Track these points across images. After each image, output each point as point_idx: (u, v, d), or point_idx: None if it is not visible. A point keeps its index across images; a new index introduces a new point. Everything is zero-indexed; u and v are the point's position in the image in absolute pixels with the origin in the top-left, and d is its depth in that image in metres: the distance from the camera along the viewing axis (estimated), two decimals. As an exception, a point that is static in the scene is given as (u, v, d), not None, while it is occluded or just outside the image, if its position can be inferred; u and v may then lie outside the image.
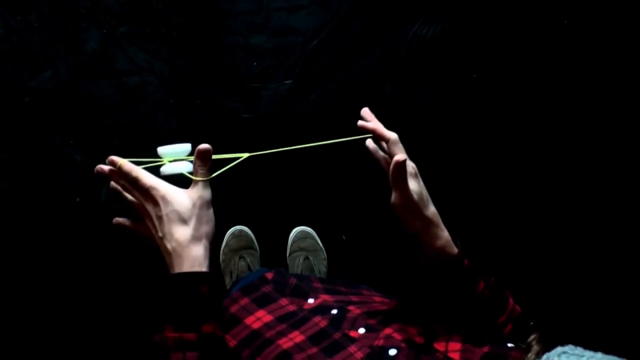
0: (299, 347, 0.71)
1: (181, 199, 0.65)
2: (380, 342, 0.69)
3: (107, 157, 0.73)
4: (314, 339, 0.72)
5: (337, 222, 1.68)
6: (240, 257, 1.59)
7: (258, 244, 1.65)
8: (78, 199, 1.59)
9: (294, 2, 1.65)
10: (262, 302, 0.82)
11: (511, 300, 0.76)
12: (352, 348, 0.69)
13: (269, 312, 0.79)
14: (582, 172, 1.70)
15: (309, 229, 1.67)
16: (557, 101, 1.72)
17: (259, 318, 0.78)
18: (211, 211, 0.66)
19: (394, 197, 0.70)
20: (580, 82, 1.71)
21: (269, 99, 1.65)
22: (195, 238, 0.63)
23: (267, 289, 0.85)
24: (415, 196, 0.70)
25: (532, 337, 0.56)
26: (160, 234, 0.64)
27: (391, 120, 1.83)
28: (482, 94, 1.70)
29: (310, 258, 1.60)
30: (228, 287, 1.59)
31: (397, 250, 1.65)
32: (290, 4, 1.65)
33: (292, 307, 0.80)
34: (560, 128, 1.71)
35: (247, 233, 1.64)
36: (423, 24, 1.67)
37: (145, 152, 1.33)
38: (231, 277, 1.58)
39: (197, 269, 0.62)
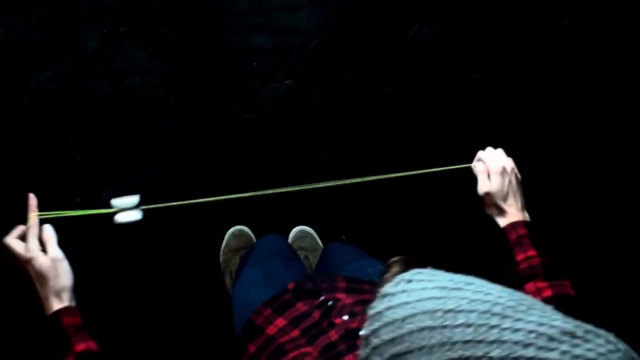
0: (292, 340, 0.79)
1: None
2: (355, 325, 0.75)
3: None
4: (305, 331, 0.79)
5: (337, 222, 1.68)
6: (240, 257, 1.59)
7: (258, 244, 1.65)
8: (78, 199, 1.59)
9: (294, 2, 1.65)
10: (281, 310, 0.89)
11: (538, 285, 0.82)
12: (332, 333, 0.76)
13: (285, 318, 0.86)
14: (580, 173, 1.70)
15: (308, 229, 1.67)
16: (557, 101, 1.72)
17: (276, 325, 0.85)
18: (66, 263, 0.80)
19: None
20: (580, 82, 1.71)
21: (269, 99, 1.65)
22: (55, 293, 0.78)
23: (287, 297, 0.91)
24: (491, 188, 0.93)
25: (395, 259, 0.57)
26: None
27: (391, 120, 1.84)
28: (482, 94, 1.70)
29: (310, 258, 1.60)
30: (228, 287, 1.60)
31: (397, 250, 1.65)
32: (290, 4, 1.65)
33: (305, 308, 0.86)
34: (560, 128, 1.71)
35: (247, 233, 1.64)
36: (423, 24, 1.67)
37: (145, 153, 1.35)
38: (231, 277, 1.58)
39: (58, 306, 0.77)
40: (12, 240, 0.81)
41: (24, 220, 0.88)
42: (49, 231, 0.82)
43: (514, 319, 0.43)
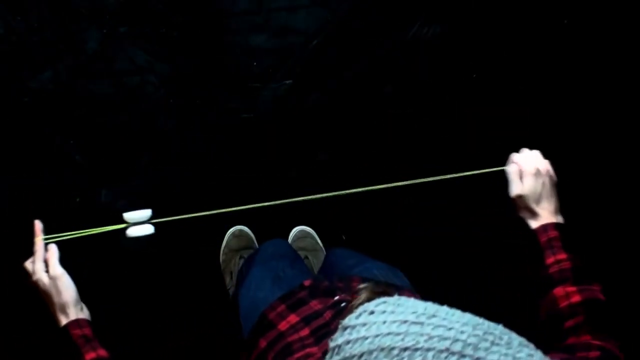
0: (300, 340, 0.79)
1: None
2: None
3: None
4: (315, 331, 0.79)
5: (337, 222, 1.68)
6: (240, 257, 1.59)
7: (258, 244, 1.65)
8: (78, 199, 1.59)
9: (294, 2, 1.65)
10: (296, 306, 0.88)
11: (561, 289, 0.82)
12: None
13: (298, 315, 0.86)
14: (580, 173, 1.70)
15: (308, 229, 1.67)
16: (557, 101, 1.72)
17: (289, 321, 0.85)
18: (65, 279, 0.84)
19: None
20: (580, 82, 1.71)
21: (269, 99, 1.65)
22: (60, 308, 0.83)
23: (302, 294, 0.91)
24: (524, 191, 0.91)
25: (365, 285, 0.55)
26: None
27: (391, 120, 1.84)
28: (482, 94, 1.70)
29: (310, 258, 1.60)
30: (228, 287, 1.60)
31: (397, 250, 1.65)
32: (290, 4, 1.65)
33: (318, 307, 0.86)
34: (560, 128, 1.71)
35: (247, 233, 1.64)
36: (423, 24, 1.67)
37: (145, 153, 1.34)
38: (231, 277, 1.58)
39: (65, 321, 0.82)
40: (26, 264, 0.86)
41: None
42: (50, 250, 0.86)
43: (472, 358, 0.42)
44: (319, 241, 1.65)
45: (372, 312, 0.47)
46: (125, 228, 0.91)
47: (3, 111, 1.58)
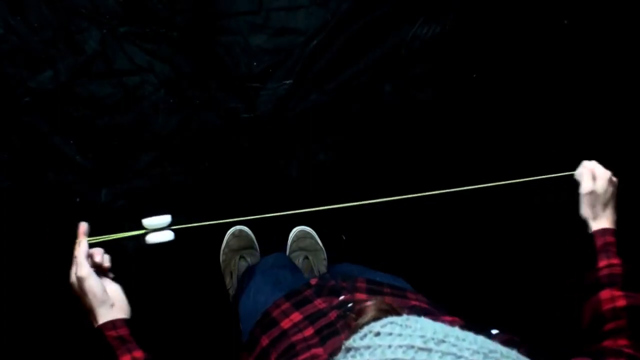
0: (304, 340, 0.78)
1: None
2: None
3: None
4: (319, 330, 0.78)
5: (337, 222, 1.68)
6: (240, 257, 1.59)
7: (258, 244, 1.65)
8: (78, 199, 1.59)
9: (294, 2, 1.65)
10: (300, 304, 0.88)
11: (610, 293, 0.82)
12: (345, 333, 0.74)
13: (301, 313, 0.85)
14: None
15: (308, 229, 1.67)
16: (557, 101, 1.72)
17: (292, 319, 0.84)
18: (91, 280, 0.81)
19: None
20: (580, 82, 1.72)
21: (269, 99, 1.65)
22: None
23: (308, 292, 0.91)
24: (596, 188, 0.92)
25: (372, 302, 0.52)
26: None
27: (391, 120, 1.84)
28: (482, 94, 1.70)
29: (310, 258, 1.60)
30: (228, 287, 1.60)
31: (398, 251, 1.65)
32: (290, 4, 1.65)
33: (323, 305, 0.85)
34: (560, 128, 1.71)
35: (247, 233, 1.64)
36: (423, 24, 1.67)
37: (145, 153, 1.34)
38: (231, 277, 1.58)
39: (102, 320, 0.80)
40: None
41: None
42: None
43: None
44: (319, 241, 1.65)
45: (377, 334, 0.45)
46: (145, 234, 0.88)
47: (3, 111, 1.58)
